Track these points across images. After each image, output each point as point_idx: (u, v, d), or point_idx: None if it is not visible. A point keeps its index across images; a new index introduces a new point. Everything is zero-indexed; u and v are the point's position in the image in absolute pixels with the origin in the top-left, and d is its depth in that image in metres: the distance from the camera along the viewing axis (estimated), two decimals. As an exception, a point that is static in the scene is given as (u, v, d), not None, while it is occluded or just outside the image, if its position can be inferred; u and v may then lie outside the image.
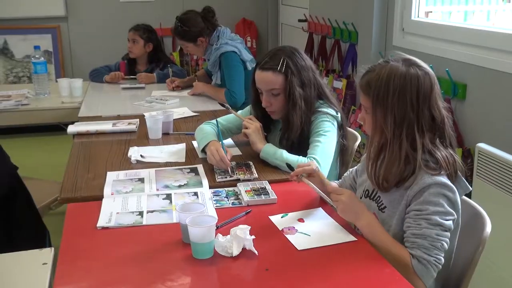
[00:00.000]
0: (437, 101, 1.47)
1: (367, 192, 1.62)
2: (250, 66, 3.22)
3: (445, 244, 1.41)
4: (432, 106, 1.46)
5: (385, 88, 1.45)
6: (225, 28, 3.28)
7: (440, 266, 1.41)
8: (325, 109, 2.10)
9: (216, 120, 2.24)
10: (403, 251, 1.42)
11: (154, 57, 3.81)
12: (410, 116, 1.44)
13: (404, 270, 1.37)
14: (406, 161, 1.45)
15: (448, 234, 1.42)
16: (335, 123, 2.09)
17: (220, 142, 2.07)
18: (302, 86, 2.07)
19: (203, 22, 3.21)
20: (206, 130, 2.23)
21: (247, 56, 3.21)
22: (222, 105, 2.44)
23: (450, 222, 1.42)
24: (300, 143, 2.09)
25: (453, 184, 1.44)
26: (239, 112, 2.37)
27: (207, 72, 3.55)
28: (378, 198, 1.56)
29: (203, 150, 2.15)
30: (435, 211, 1.40)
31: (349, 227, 1.57)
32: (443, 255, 1.41)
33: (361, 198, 1.64)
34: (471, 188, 1.51)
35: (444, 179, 1.43)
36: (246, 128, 2.14)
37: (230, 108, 2.39)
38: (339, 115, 2.13)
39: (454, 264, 1.48)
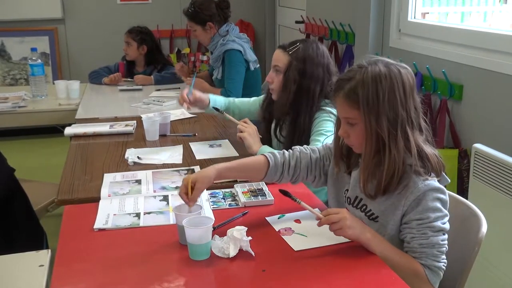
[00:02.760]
0: (416, 93, 1.48)
1: (349, 200, 1.58)
2: (253, 66, 3.22)
3: (447, 247, 1.43)
4: (414, 98, 1.46)
5: (374, 93, 1.42)
6: (235, 26, 3.29)
7: (445, 267, 1.43)
8: (329, 108, 2.10)
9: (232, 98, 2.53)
10: (413, 261, 1.42)
11: (152, 59, 3.81)
12: (402, 114, 1.43)
13: (415, 280, 1.38)
14: (403, 162, 1.43)
15: (447, 235, 1.44)
16: None
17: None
18: (302, 75, 2.10)
19: (215, 9, 3.23)
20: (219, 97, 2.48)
21: (252, 56, 3.21)
22: (216, 109, 2.44)
23: (448, 224, 1.44)
24: (294, 138, 2.11)
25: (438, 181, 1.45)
26: (252, 99, 2.50)
27: (211, 74, 3.55)
28: (364, 207, 1.52)
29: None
30: (436, 217, 1.41)
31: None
32: (445, 257, 1.43)
33: (345, 203, 1.60)
34: (449, 180, 1.50)
35: (436, 183, 1.43)
36: (241, 131, 2.14)
37: (224, 112, 2.39)
38: None
39: (450, 264, 1.48)
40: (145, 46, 3.76)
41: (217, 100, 2.50)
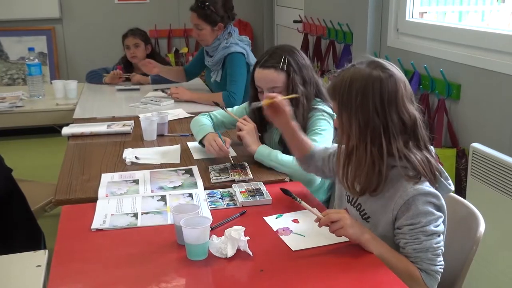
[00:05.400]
0: (405, 104, 1.42)
1: (348, 197, 1.60)
2: None
3: (443, 248, 1.43)
4: (400, 110, 1.41)
5: (349, 91, 1.43)
6: (235, 28, 3.27)
7: (443, 269, 1.43)
8: (321, 106, 2.10)
9: (210, 114, 2.30)
10: (409, 264, 1.42)
11: (152, 59, 3.80)
12: (375, 121, 1.41)
13: (412, 283, 1.38)
14: (373, 166, 1.43)
15: (442, 237, 1.43)
16: (331, 121, 2.09)
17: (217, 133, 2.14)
18: (304, 84, 2.07)
19: (223, 10, 3.18)
20: (203, 121, 2.27)
21: (254, 59, 3.18)
22: (216, 104, 2.42)
23: (442, 226, 1.43)
24: None
25: (434, 187, 1.43)
26: (235, 108, 2.39)
27: (187, 70, 3.49)
28: (359, 206, 1.54)
29: (200, 142, 2.18)
30: (427, 221, 1.40)
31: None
32: (442, 258, 1.43)
33: (345, 202, 1.63)
34: (452, 189, 1.49)
35: (426, 187, 1.41)
36: (240, 129, 2.14)
37: (224, 107, 2.38)
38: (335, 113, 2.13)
39: (448, 264, 1.49)
40: (150, 46, 3.79)
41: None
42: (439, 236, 1.42)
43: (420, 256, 1.41)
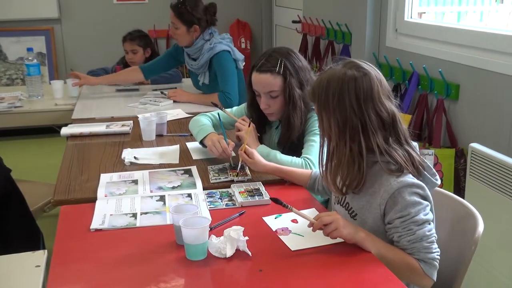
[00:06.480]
0: (382, 101, 1.45)
1: (338, 199, 1.62)
2: (241, 65, 3.19)
3: (435, 235, 1.44)
4: (377, 106, 1.44)
5: (326, 93, 1.45)
6: (215, 29, 3.25)
7: (439, 256, 1.44)
8: None
9: (218, 113, 2.30)
10: (407, 256, 1.43)
11: (149, 60, 3.80)
12: (353, 119, 1.43)
13: (412, 275, 1.40)
14: (353, 164, 1.45)
15: (433, 224, 1.45)
16: None
17: (222, 133, 2.13)
18: (300, 87, 2.06)
19: (203, 13, 3.14)
20: (203, 121, 2.27)
21: (240, 55, 3.18)
22: (215, 104, 2.42)
23: (431, 213, 1.45)
24: (300, 142, 2.09)
25: (418, 180, 1.45)
26: (234, 108, 2.39)
27: (145, 68, 3.41)
28: (347, 205, 1.56)
29: (201, 143, 2.18)
30: (417, 211, 1.41)
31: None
32: (437, 245, 1.44)
33: (334, 204, 1.65)
34: (438, 183, 1.50)
35: (409, 179, 1.43)
36: (239, 130, 2.14)
37: (223, 108, 2.38)
38: None
39: (447, 263, 1.49)
40: (149, 49, 3.78)
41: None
42: (429, 224, 1.43)
43: (416, 247, 1.42)
